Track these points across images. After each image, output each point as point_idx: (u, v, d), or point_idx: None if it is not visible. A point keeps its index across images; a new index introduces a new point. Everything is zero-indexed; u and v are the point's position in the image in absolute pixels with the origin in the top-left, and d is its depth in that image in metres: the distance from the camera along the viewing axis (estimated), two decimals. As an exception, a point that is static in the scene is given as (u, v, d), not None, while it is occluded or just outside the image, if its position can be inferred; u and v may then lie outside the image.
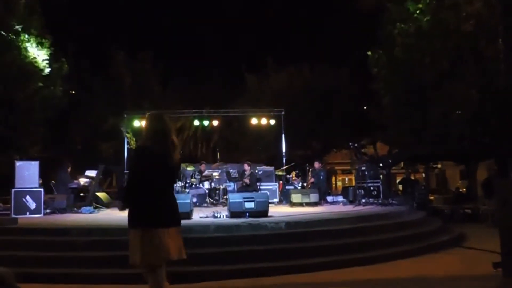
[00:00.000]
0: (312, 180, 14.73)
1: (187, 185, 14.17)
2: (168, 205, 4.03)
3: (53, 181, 13.46)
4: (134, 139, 21.80)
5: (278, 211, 11.28)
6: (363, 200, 13.51)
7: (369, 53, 18.44)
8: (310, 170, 15.11)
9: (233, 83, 24.33)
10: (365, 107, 22.94)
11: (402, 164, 25.09)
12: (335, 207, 12.93)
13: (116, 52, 23.42)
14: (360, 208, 12.23)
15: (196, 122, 19.36)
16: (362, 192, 14.09)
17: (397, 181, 26.63)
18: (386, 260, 7.80)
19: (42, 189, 11.27)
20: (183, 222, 8.65)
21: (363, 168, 14.49)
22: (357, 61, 21.71)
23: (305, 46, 26.09)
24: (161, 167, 3.97)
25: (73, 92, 21.16)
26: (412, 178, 21.06)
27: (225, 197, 13.64)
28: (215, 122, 18.83)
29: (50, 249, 7.49)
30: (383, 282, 6.53)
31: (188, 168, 15.18)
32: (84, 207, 12.13)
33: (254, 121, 18.08)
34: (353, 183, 19.20)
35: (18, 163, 11.33)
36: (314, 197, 13.25)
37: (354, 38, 22.02)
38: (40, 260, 7.17)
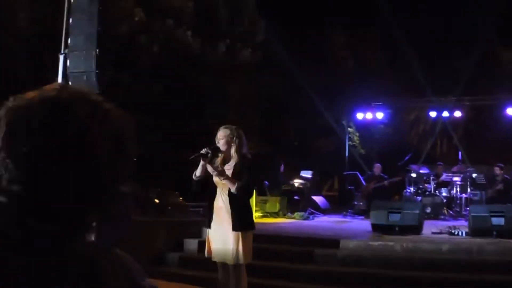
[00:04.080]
0: None
1: (419, 191, 13.89)
2: None
3: (266, 182, 14.43)
4: (357, 134, 22.13)
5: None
6: None
7: None
8: None
9: (481, 63, 22.81)
10: None
11: None
12: None
13: (334, 32, 24.03)
14: None
15: (433, 114, 18.86)
16: None
17: None
18: None
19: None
20: (410, 237, 8.61)
21: None
22: None
23: None
24: None
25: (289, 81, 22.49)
26: None
27: (467, 208, 13.01)
28: (458, 113, 18.08)
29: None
30: None
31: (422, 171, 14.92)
32: (298, 212, 12.83)
33: (510, 111, 16.86)
34: None
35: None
36: None
37: None
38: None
